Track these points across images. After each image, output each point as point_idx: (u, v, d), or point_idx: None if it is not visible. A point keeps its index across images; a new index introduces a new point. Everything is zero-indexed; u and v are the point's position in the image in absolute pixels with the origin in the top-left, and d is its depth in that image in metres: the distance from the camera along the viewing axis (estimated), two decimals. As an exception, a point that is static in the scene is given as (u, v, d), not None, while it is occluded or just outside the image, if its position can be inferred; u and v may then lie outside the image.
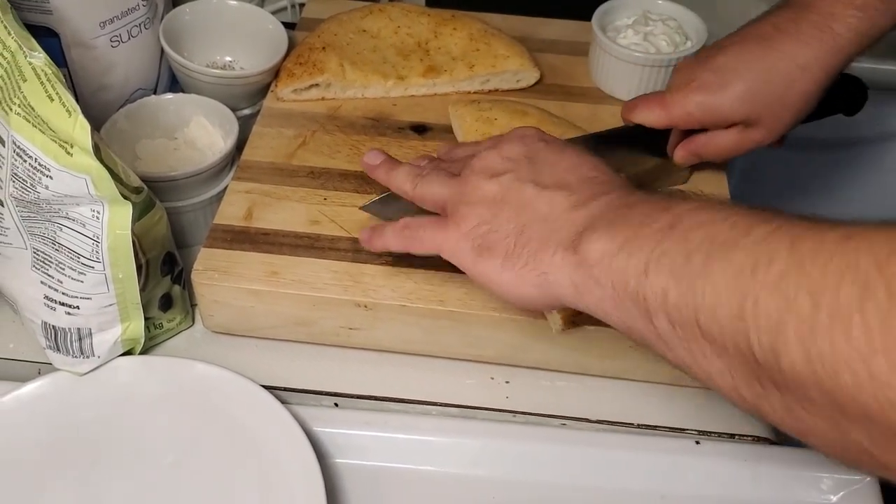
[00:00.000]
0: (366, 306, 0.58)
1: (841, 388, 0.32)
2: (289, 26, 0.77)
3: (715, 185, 0.68)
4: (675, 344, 0.40)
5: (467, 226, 0.49)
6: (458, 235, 0.49)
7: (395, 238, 0.54)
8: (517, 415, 0.60)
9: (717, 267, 0.37)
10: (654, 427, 0.59)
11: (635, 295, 0.41)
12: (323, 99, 0.73)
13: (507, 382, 0.61)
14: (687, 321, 0.39)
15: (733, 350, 0.37)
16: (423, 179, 0.54)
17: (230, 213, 0.63)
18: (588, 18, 0.75)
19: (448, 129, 0.71)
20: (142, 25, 0.70)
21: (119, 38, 0.69)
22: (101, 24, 0.67)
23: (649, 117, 0.64)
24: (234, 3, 0.77)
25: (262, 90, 0.74)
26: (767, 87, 0.59)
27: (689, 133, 0.64)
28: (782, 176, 1.07)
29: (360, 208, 0.61)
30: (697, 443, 0.58)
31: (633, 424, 0.59)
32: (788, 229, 0.37)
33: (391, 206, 0.59)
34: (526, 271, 0.46)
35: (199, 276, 0.59)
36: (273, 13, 0.78)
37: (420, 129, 0.71)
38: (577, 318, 0.54)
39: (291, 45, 0.75)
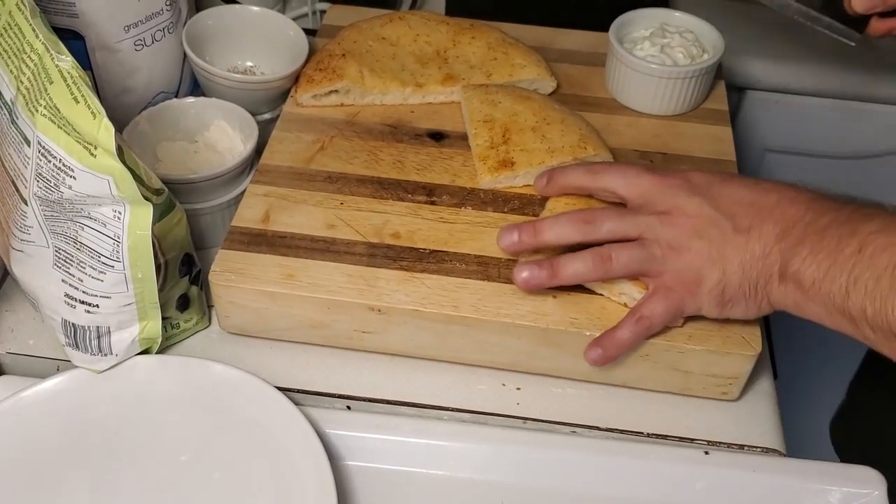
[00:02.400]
0: (379, 310, 0.59)
1: None
2: (309, 33, 0.78)
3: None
4: (879, 343, 0.49)
5: (704, 290, 0.55)
6: (700, 299, 0.55)
7: (630, 327, 0.56)
8: (528, 421, 0.60)
9: None
10: (664, 436, 0.60)
11: (842, 311, 0.49)
12: (342, 105, 0.74)
13: (518, 389, 0.62)
14: (884, 329, 0.48)
15: None
16: (614, 261, 0.56)
17: (248, 215, 0.64)
18: (605, 30, 0.76)
19: (465, 137, 0.71)
20: (165, 30, 0.71)
21: (143, 42, 0.70)
22: (126, 28, 0.68)
23: None
24: (257, 9, 0.78)
25: (282, 95, 0.75)
26: None
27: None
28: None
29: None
30: (707, 453, 0.59)
31: (642, 433, 0.60)
32: None
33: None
34: (764, 306, 0.54)
35: (216, 278, 0.60)
36: (294, 20, 0.79)
37: (437, 137, 0.72)
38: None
39: (312, 52, 0.76)
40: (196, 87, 0.77)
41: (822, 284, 0.50)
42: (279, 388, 0.58)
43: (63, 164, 0.52)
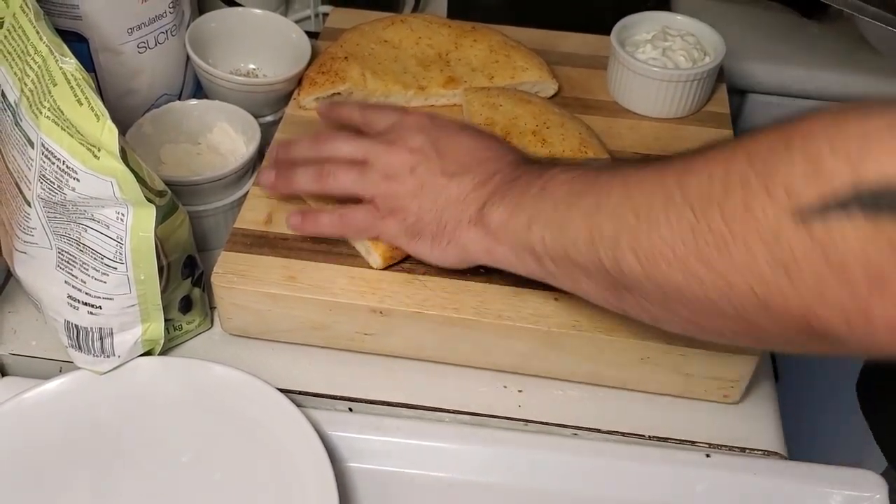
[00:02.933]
0: (381, 312, 0.59)
1: (661, 275, 0.43)
2: (312, 35, 0.78)
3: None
4: (560, 277, 0.51)
5: (400, 218, 0.58)
6: (393, 226, 0.58)
7: (330, 226, 0.61)
8: (529, 423, 0.60)
9: (574, 211, 0.48)
10: (665, 439, 0.60)
11: (526, 246, 0.51)
12: (344, 107, 0.74)
13: (519, 391, 0.62)
14: (562, 257, 0.49)
15: (594, 269, 0.47)
16: (331, 177, 0.60)
17: (250, 217, 0.64)
18: (607, 33, 0.76)
19: (466, 140, 0.72)
20: (168, 32, 0.71)
21: (146, 45, 0.70)
22: (129, 31, 0.68)
23: None
24: (259, 11, 0.79)
25: (285, 98, 0.75)
26: None
27: None
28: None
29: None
30: (708, 455, 0.59)
31: (644, 436, 0.60)
32: (624, 173, 0.47)
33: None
34: (450, 248, 0.57)
35: (218, 279, 0.60)
36: (297, 22, 0.80)
37: (439, 139, 0.72)
38: (395, 254, 0.60)
39: (314, 54, 0.76)
40: (199, 90, 0.77)
41: (508, 223, 0.52)
42: (281, 390, 0.58)
43: (66, 166, 0.52)
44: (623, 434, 0.60)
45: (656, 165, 0.46)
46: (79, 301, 0.57)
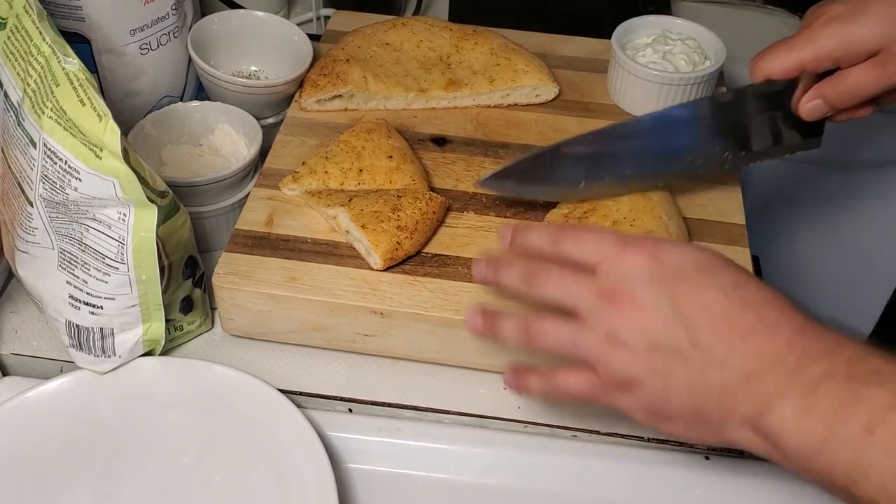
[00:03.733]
0: (382, 313, 0.59)
1: None
2: (314, 38, 0.79)
3: (730, 206, 0.68)
4: None
5: (634, 394, 0.46)
6: (627, 402, 0.47)
7: (538, 389, 0.51)
8: (529, 425, 0.61)
9: None
10: (665, 441, 0.60)
11: (844, 489, 0.41)
12: (346, 110, 0.74)
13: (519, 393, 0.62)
14: None
15: None
16: (542, 334, 0.49)
17: (252, 218, 0.64)
18: (608, 37, 0.76)
19: (467, 142, 0.72)
20: (171, 34, 0.72)
21: (148, 46, 0.70)
22: (132, 32, 0.69)
23: (776, 65, 0.58)
24: (261, 14, 0.79)
25: (287, 100, 0.75)
26: None
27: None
28: (798, 197, 1.07)
29: (477, 183, 0.64)
30: (707, 458, 0.59)
31: (643, 438, 0.60)
32: None
33: (510, 179, 0.62)
34: (710, 435, 0.46)
35: (219, 280, 0.60)
36: (299, 25, 0.80)
37: (440, 142, 0.72)
38: (395, 255, 0.59)
39: (316, 57, 0.76)
40: (201, 91, 0.77)
41: (817, 459, 0.41)
42: (281, 391, 0.58)
43: (69, 166, 0.52)
44: (622, 436, 0.60)
45: None
46: (80, 301, 0.57)
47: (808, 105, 0.60)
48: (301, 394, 0.61)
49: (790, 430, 0.42)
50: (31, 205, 0.56)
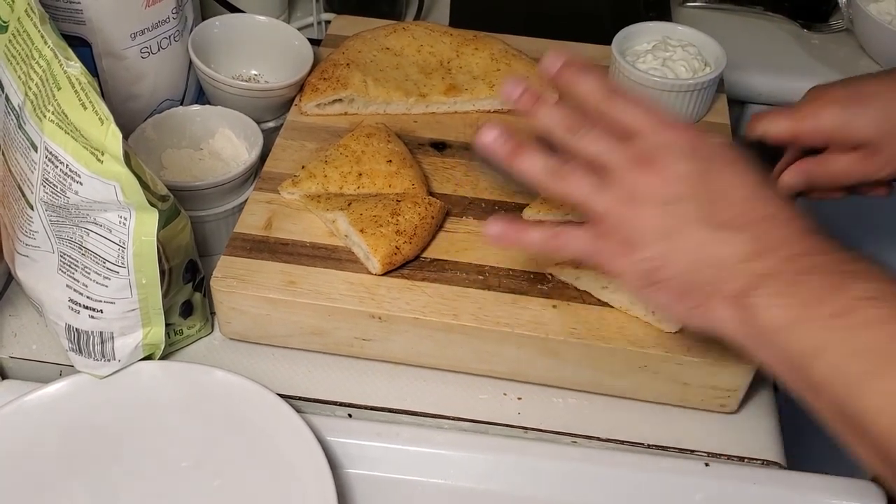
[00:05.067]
0: (380, 318, 0.59)
1: None
2: (314, 42, 0.79)
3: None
4: (831, 418, 0.43)
5: (635, 257, 0.47)
6: (624, 263, 0.48)
7: (541, 243, 0.51)
8: (528, 431, 0.61)
9: (889, 377, 0.39)
10: (665, 448, 0.60)
11: (801, 370, 0.43)
12: (345, 114, 0.74)
13: (519, 399, 0.62)
14: (847, 415, 0.41)
15: (889, 447, 0.39)
16: (564, 179, 0.49)
17: (250, 222, 0.64)
18: (608, 43, 0.76)
19: (467, 147, 0.72)
20: (171, 37, 0.72)
21: (149, 50, 0.70)
22: (133, 36, 0.69)
23: (774, 128, 0.60)
24: (262, 18, 0.79)
25: (287, 104, 0.75)
26: None
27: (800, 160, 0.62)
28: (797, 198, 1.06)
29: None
30: (707, 465, 0.59)
31: (643, 444, 0.60)
32: None
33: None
34: (694, 312, 0.47)
35: (218, 283, 0.60)
36: (299, 29, 0.80)
37: (440, 147, 0.72)
38: (394, 260, 0.59)
39: (316, 61, 0.76)
40: (201, 95, 0.77)
41: (781, 334, 0.43)
42: (280, 396, 0.58)
43: (70, 170, 0.52)
44: (622, 442, 0.60)
45: None
46: (80, 305, 0.57)
47: (790, 177, 0.62)
48: (301, 398, 0.61)
49: (766, 305, 0.44)
50: (32, 208, 0.56)
